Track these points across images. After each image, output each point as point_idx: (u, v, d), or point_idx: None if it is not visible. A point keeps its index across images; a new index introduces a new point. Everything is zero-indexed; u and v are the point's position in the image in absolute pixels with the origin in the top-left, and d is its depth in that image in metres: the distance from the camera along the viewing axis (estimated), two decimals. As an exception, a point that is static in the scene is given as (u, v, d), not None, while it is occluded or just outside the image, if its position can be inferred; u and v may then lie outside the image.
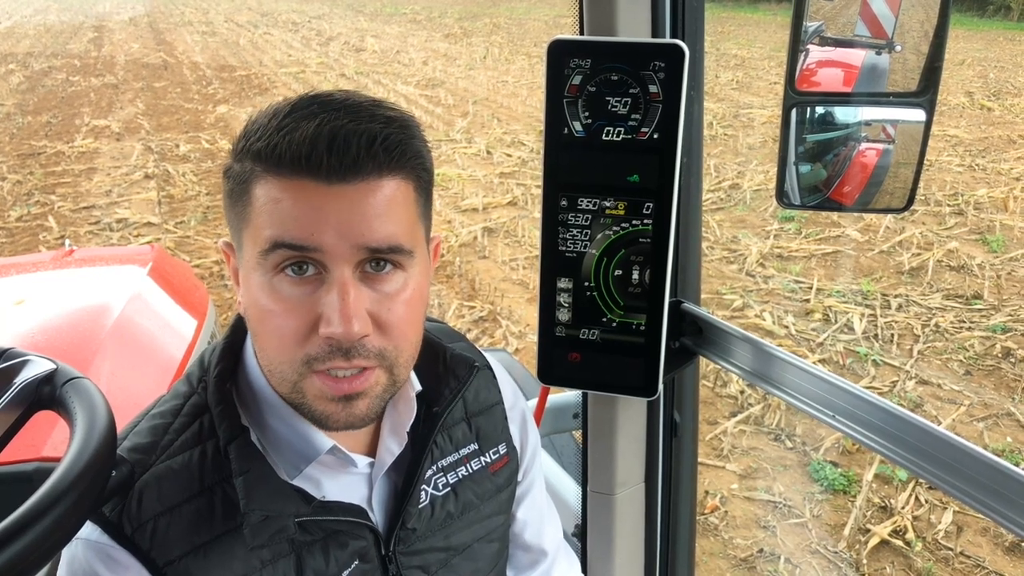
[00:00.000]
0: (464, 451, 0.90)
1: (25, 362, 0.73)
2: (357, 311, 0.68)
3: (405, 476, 0.85)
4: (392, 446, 0.83)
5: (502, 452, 0.94)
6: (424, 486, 0.86)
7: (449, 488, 0.88)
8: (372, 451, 0.84)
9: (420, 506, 0.85)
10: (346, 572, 0.79)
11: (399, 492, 0.84)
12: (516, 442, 0.96)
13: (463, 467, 0.90)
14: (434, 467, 0.87)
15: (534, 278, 4.93)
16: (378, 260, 0.70)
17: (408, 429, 0.84)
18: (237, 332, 0.82)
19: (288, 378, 0.71)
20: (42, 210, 6.60)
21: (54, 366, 0.73)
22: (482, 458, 0.92)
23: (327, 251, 0.67)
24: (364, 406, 0.72)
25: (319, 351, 0.69)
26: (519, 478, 0.98)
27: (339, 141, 0.66)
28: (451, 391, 0.87)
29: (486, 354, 0.99)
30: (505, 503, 0.95)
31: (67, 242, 3.20)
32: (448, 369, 0.88)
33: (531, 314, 4.47)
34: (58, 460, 0.64)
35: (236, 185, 0.72)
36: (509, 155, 7.96)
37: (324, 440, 0.77)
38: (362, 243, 0.68)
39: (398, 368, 0.74)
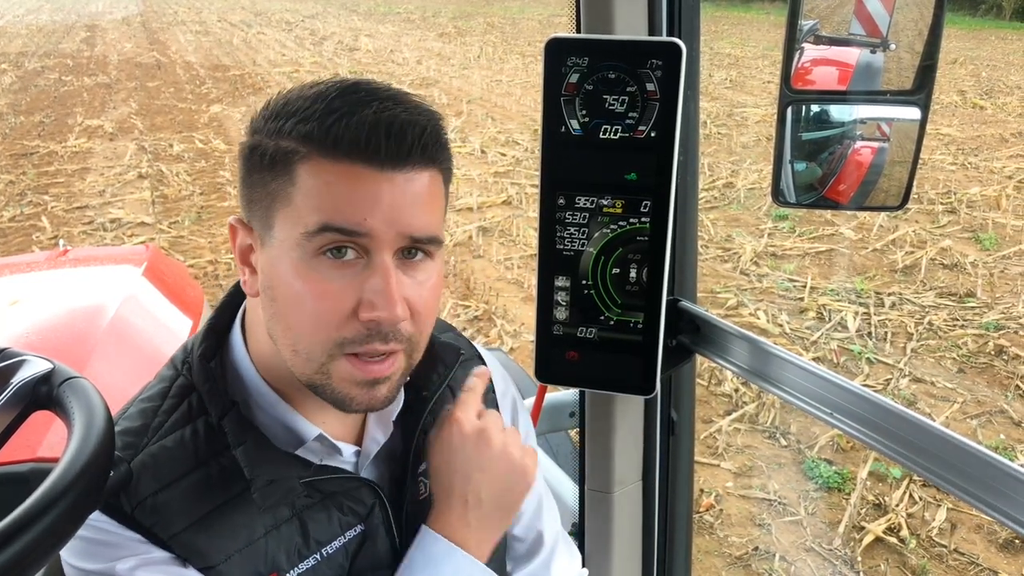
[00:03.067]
0: None
1: (22, 362, 0.73)
2: (399, 296, 0.70)
3: (400, 470, 0.86)
4: (378, 435, 0.85)
5: None
6: (421, 479, 0.87)
7: None
8: (358, 441, 0.85)
9: (420, 498, 0.86)
10: (350, 532, 0.81)
11: (396, 487, 0.85)
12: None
13: None
14: (425, 463, 0.87)
15: (529, 277, 4.93)
16: (411, 248, 0.72)
17: (394, 418, 0.85)
18: (222, 315, 0.83)
19: (316, 359, 0.72)
20: (35, 210, 6.57)
21: (51, 366, 0.73)
22: None
23: (374, 237, 0.69)
24: (386, 390, 0.75)
25: (356, 335, 0.71)
26: None
27: (396, 129, 0.68)
28: (439, 376, 0.89)
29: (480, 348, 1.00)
30: None
31: (61, 242, 3.19)
32: (436, 356, 0.89)
33: (526, 313, 4.47)
34: (54, 461, 0.64)
35: (270, 164, 0.70)
36: (503, 154, 7.95)
37: (310, 428, 0.78)
38: (407, 231, 0.70)
39: (416, 353, 0.77)
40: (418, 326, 0.74)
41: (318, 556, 0.78)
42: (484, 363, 0.98)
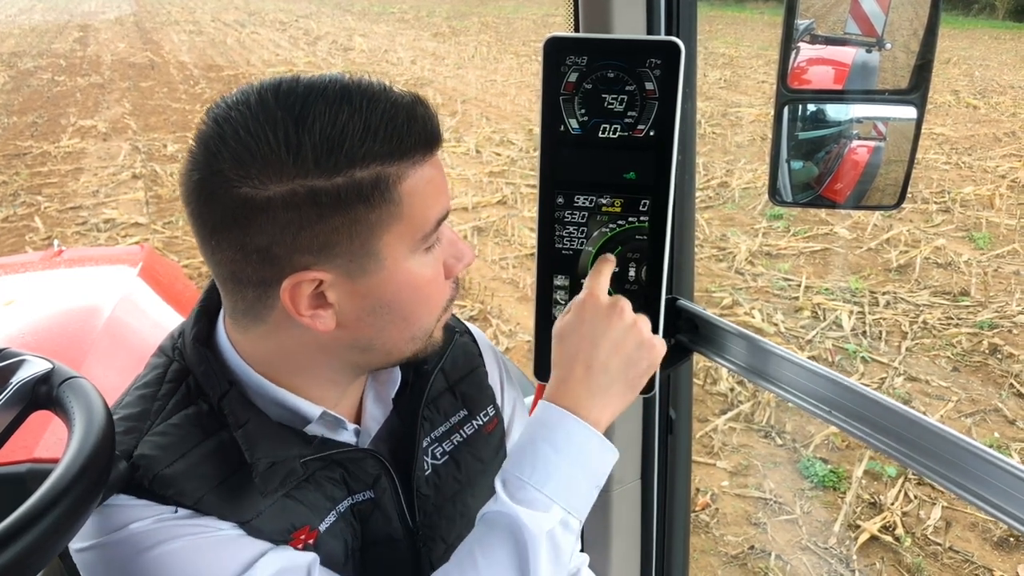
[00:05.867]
0: (455, 419, 0.92)
1: (21, 362, 0.73)
2: None
3: (404, 448, 0.86)
4: (376, 414, 0.86)
5: (491, 413, 0.95)
6: (424, 456, 0.87)
7: (447, 456, 0.89)
8: (357, 421, 0.86)
9: (426, 474, 0.86)
10: (358, 496, 0.81)
11: (400, 464, 0.85)
12: (499, 401, 0.98)
13: (456, 434, 0.91)
14: (428, 439, 0.88)
15: (524, 277, 4.93)
16: None
17: (392, 396, 0.86)
18: (212, 299, 0.82)
19: (429, 329, 0.79)
20: (28, 211, 6.55)
21: (51, 365, 0.73)
22: (474, 422, 0.93)
23: None
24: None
25: (452, 292, 0.81)
26: (506, 439, 0.99)
27: (421, 112, 0.71)
28: (437, 351, 0.88)
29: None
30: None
31: (56, 242, 3.18)
32: None
33: (522, 313, 4.47)
34: (51, 461, 0.64)
35: (363, 198, 0.68)
36: (498, 154, 7.95)
37: (312, 408, 0.78)
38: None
39: None
40: None
41: (335, 513, 0.79)
42: (474, 337, 0.99)
